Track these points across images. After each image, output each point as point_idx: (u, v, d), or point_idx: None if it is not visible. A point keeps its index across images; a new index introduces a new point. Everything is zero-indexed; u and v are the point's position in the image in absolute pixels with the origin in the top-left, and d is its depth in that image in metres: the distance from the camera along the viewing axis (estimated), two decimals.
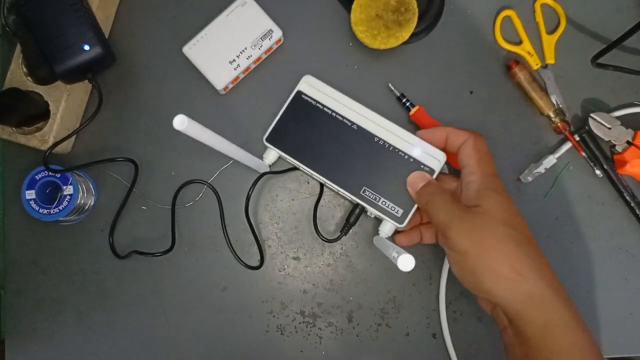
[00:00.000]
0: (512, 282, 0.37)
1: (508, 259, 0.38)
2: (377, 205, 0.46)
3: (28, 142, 0.48)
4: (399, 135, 0.47)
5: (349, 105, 0.48)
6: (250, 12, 0.50)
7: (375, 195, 0.46)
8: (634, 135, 0.49)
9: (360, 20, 0.49)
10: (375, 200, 0.46)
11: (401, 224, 0.46)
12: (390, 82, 0.51)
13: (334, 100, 0.48)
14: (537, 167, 0.50)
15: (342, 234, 0.49)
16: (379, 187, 0.46)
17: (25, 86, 0.48)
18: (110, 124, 0.52)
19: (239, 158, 0.44)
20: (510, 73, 0.51)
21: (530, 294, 0.37)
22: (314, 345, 0.51)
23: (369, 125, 0.47)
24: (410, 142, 0.46)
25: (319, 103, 0.48)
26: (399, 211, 0.46)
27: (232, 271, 0.51)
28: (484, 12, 0.52)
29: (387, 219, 0.46)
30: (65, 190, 0.48)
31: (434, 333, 0.51)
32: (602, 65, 0.48)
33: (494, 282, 0.38)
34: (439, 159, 0.46)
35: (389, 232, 0.46)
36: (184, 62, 0.51)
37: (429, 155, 0.46)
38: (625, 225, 0.51)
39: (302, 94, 0.48)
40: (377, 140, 0.47)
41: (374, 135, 0.47)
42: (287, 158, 0.48)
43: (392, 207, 0.46)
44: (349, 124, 0.47)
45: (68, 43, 0.44)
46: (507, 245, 0.38)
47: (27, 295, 0.51)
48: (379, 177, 0.46)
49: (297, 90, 0.48)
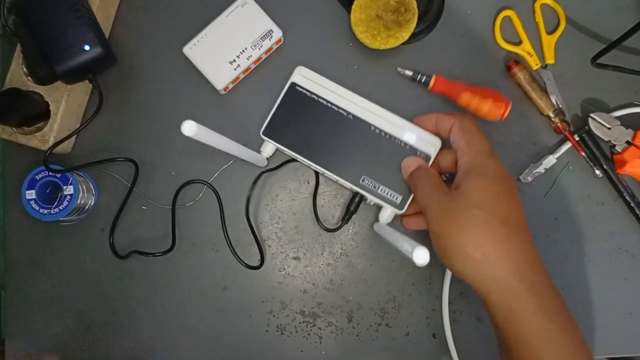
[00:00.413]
0: (477, 263, 0.38)
1: (474, 240, 0.38)
2: (376, 193, 0.47)
3: (28, 142, 0.48)
4: (395, 123, 0.47)
5: (343, 95, 0.48)
6: (250, 13, 0.50)
7: (374, 183, 0.47)
8: (633, 135, 0.49)
9: (360, 20, 0.49)
10: (375, 188, 0.47)
11: (401, 209, 0.46)
12: (398, 67, 0.51)
13: (328, 91, 0.48)
14: (536, 167, 0.50)
15: (343, 222, 0.49)
16: (378, 175, 0.47)
17: (26, 86, 0.48)
18: (110, 124, 0.52)
19: (241, 155, 0.44)
20: (510, 73, 0.51)
21: (494, 276, 0.38)
22: (314, 345, 0.51)
23: (365, 114, 0.47)
24: (406, 129, 0.47)
25: (313, 94, 0.48)
26: (398, 197, 0.46)
27: (232, 271, 0.51)
28: (483, 12, 0.52)
29: (388, 205, 0.47)
30: (66, 190, 0.48)
31: (434, 333, 0.51)
32: (602, 65, 0.48)
33: (462, 263, 0.39)
34: (434, 144, 0.46)
35: (389, 219, 0.47)
36: (184, 62, 0.51)
37: (425, 141, 0.46)
38: (625, 225, 0.51)
39: (296, 86, 0.48)
40: (373, 128, 0.47)
41: (369, 124, 0.47)
42: (284, 150, 0.48)
43: (392, 194, 0.47)
44: (344, 113, 0.47)
45: (68, 43, 0.44)
46: (476, 227, 0.38)
47: (27, 295, 0.51)
48: (377, 165, 0.47)
49: (291, 82, 0.48)
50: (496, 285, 0.38)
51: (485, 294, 0.38)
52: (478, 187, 0.40)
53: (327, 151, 0.47)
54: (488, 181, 0.40)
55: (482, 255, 0.38)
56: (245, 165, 0.51)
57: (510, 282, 0.37)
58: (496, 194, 0.40)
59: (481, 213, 0.38)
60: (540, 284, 0.38)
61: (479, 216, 0.38)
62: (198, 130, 0.34)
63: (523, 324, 0.37)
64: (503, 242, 0.38)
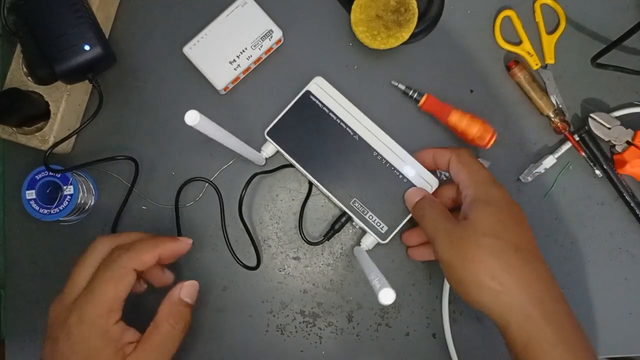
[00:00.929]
0: (494, 293, 0.37)
1: (489, 270, 0.37)
2: (363, 218, 0.47)
3: (28, 142, 0.48)
4: (398, 154, 0.47)
5: (355, 114, 0.48)
6: (250, 12, 0.50)
7: (363, 208, 0.47)
8: (633, 135, 0.49)
9: (360, 20, 0.49)
10: (363, 212, 0.47)
11: (384, 240, 0.47)
12: (392, 79, 0.51)
13: (340, 107, 0.48)
14: (536, 167, 0.50)
15: (324, 239, 0.50)
16: (369, 200, 0.47)
17: (26, 86, 0.48)
18: (110, 124, 0.52)
19: (240, 150, 0.44)
20: (510, 73, 0.51)
21: (511, 305, 0.37)
22: (314, 345, 0.51)
23: (371, 139, 0.48)
24: (407, 163, 0.47)
25: (325, 106, 0.48)
26: (383, 227, 0.47)
27: (232, 271, 0.51)
28: (484, 12, 0.52)
29: (371, 233, 0.47)
30: (66, 190, 0.48)
31: (434, 333, 0.51)
32: (602, 65, 0.48)
33: (478, 293, 0.38)
34: (431, 184, 0.47)
35: (369, 246, 0.48)
36: (184, 62, 0.51)
37: (423, 179, 0.47)
38: (625, 225, 0.51)
39: (310, 95, 0.48)
40: (376, 154, 0.47)
41: (373, 149, 0.47)
42: (284, 154, 0.48)
43: (378, 222, 0.47)
44: (351, 133, 0.48)
45: (68, 43, 0.44)
46: (489, 256, 0.38)
47: (27, 295, 0.51)
48: (370, 191, 0.47)
49: (306, 90, 0.48)
50: (515, 316, 0.37)
51: (504, 324, 0.37)
52: (487, 215, 0.39)
53: (325, 166, 0.48)
54: (495, 209, 0.40)
55: (499, 285, 0.37)
56: (245, 165, 0.51)
57: (529, 311, 0.36)
58: (506, 222, 0.39)
59: (494, 241, 0.38)
60: (560, 314, 0.37)
61: (491, 244, 0.38)
62: (200, 120, 0.34)
63: (543, 355, 0.36)
64: (519, 269, 0.37)
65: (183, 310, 0.41)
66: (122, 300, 0.39)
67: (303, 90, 0.48)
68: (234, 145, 0.42)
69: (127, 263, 0.40)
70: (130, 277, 0.40)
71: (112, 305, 0.39)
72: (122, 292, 0.39)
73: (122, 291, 0.39)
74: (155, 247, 0.42)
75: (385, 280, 0.37)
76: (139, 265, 0.40)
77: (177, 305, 0.41)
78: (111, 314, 0.39)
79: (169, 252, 0.43)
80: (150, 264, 0.41)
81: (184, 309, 0.41)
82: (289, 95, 0.49)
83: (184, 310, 0.41)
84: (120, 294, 0.39)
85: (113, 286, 0.39)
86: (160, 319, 0.40)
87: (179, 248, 0.44)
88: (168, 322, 0.40)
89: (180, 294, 0.42)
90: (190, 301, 0.42)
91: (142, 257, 0.41)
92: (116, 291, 0.39)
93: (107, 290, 0.39)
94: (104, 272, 0.39)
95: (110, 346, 0.38)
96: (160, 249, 0.42)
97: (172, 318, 0.40)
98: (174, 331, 0.40)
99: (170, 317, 0.40)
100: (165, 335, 0.40)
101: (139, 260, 0.40)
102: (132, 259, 0.40)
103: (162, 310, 0.41)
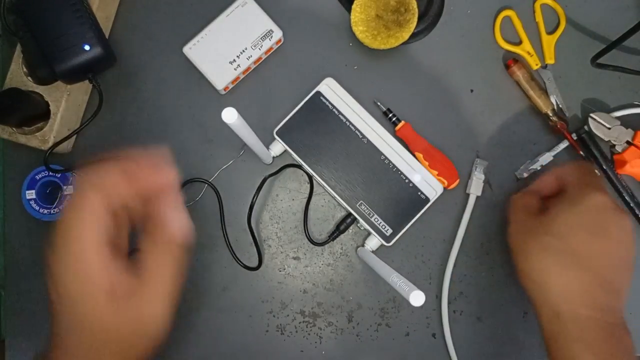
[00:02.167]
0: (537, 289, 0.40)
1: (538, 267, 0.40)
2: (369, 220, 0.48)
3: (28, 142, 0.48)
4: (405, 159, 0.48)
5: (364, 117, 0.48)
6: (250, 13, 0.50)
7: (369, 210, 0.48)
8: (633, 135, 0.49)
9: (360, 20, 0.49)
10: (369, 215, 0.48)
11: (388, 242, 0.48)
12: (375, 98, 0.51)
13: (350, 109, 0.48)
14: (532, 164, 0.50)
15: (330, 239, 0.50)
16: (375, 203, 0.48)
17: (26, 86, 0.48)
18: (110, 124, 0.52)
19: (254, 147, 0.44)
20: (509, 72, 0.51)
21: (550, 304, 0.39)
22: (314, 345, 0.51)
23: (379, 142, 0.48)
24: (413, 168, 0.48)
25: (335, 108, 0.48)
26: (388, 230, 0.48)
27: (232, 271, 0.51)
28: (484, 12, 0.52)
29: (376, 235, 0.48)
30: (66, 190, 0.48)
31: (434, 333, 0.51)
32: (601, 65, 0.48)
33: (526, 285, 0.41)
34: (436, 189, 0.48)
35: (374, 247, 0.48)
36: (184, 62, 0.51)
37: (428, 184, 0.48)
38: None
39: (320, 95, 0.48)
40: (383, 158, 0.48)
41: (381, 152, 0.48)
42: (291, 154, 0.49)
43: (383, 225, 0.48)
44: (359, 136, 0.48)
45: (68, 43, 0.44)
46: (544, 253, 0.40)
47: (27, 295, 0.51)
48: (376, 194, 0.48)
49: (317, 90, 0.49)
50: (545, 312, 0.39)
51: (543, 322, 0.40)
52: (561, 214, 0.40)
53: (332, 167, 0.48)
54: (579, 210, 0.40)
55: (544, 282, 0.39)
56: (244, 165, 0.51)
57: (557, 310, 0.39)
58: (582, 225, 0.40)
59: (553, 240, 0.40)
60: (591, 324, 0.39)
61: (549, 242, 0.40)
62: (237, 120, 0.36)
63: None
64: (565, 273, 0.39)
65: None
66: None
67: (313, 91, 0.49)
68: (252, 143, 0.42)
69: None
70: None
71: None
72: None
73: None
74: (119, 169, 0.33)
75: (409, 282, 0.37)
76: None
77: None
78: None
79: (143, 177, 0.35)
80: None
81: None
82: (289, 95, 0.49)
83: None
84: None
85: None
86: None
87: (155, 174, 0.35)
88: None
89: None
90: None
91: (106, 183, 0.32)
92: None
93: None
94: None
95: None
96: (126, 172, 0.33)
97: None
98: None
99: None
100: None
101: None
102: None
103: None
